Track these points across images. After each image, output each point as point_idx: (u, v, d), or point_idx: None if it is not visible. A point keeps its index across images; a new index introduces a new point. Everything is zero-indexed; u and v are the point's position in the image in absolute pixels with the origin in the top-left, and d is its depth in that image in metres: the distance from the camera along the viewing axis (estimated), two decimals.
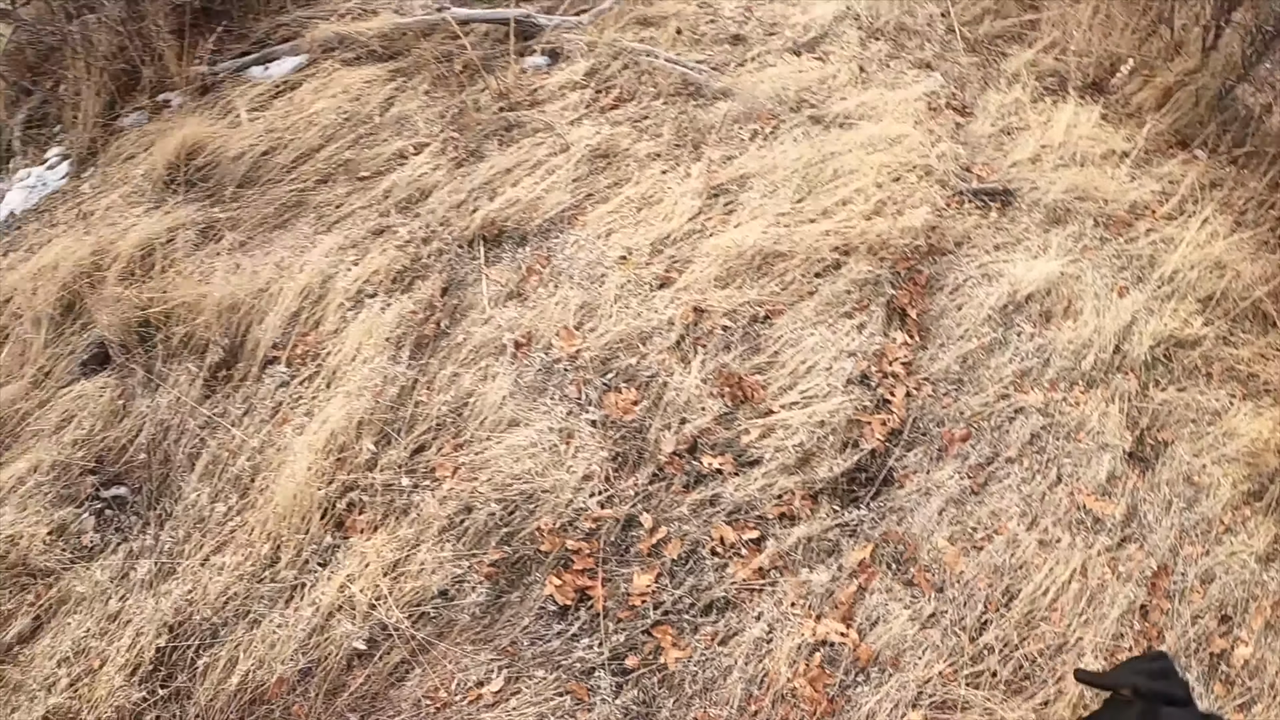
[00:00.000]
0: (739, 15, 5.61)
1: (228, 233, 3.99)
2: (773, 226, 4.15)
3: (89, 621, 3.08)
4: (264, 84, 4.72)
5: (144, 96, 4.89)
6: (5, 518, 3.33)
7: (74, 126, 4.80)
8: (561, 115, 4.65)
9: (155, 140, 4.48)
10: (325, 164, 4.31)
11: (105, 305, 3.73)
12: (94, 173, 4.51)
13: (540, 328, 3.74)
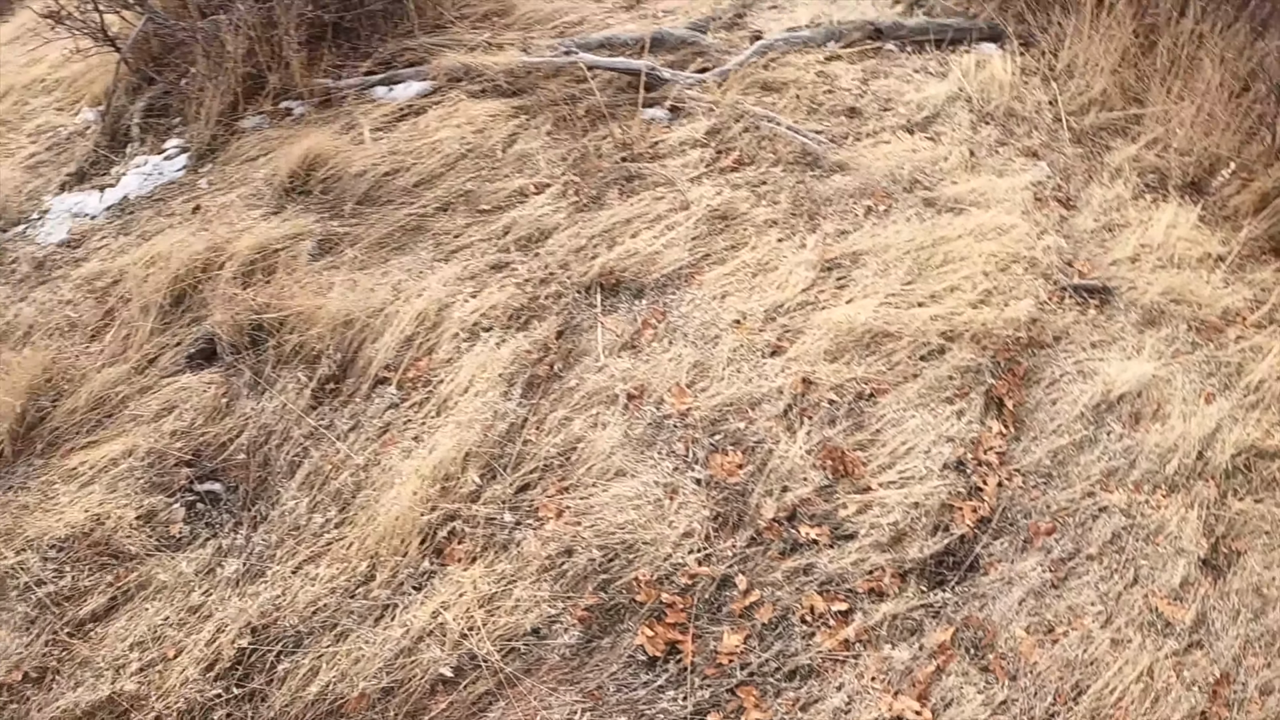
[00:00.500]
0: (855, 88, 5.62)
1: (348, 249, 3.96)
2: (883, 306, 4.13)
3: (168, 610, 3.10)
4: (388, 105, 4.75)
5: (267, 101, 4.94)
6: (93, 495, 3.38)
7: (195, 121, 4.85)
8: (682, 172, 4.64)
9: (277, 146, 4.50)
10: (446, 192, 4.31)
11: (220, 303, 3.71)
12: (212, 169, 4.54)
13: (653, 382, 3.71)
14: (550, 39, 5.54)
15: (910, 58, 5.97)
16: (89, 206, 4.73)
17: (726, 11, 6.18)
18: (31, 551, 3.40)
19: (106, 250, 4.41)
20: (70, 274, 4.44)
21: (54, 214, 4.87)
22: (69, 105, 6.12)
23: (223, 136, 4.73)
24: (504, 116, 4.77)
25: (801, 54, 5.76)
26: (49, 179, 5.31)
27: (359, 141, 4.47)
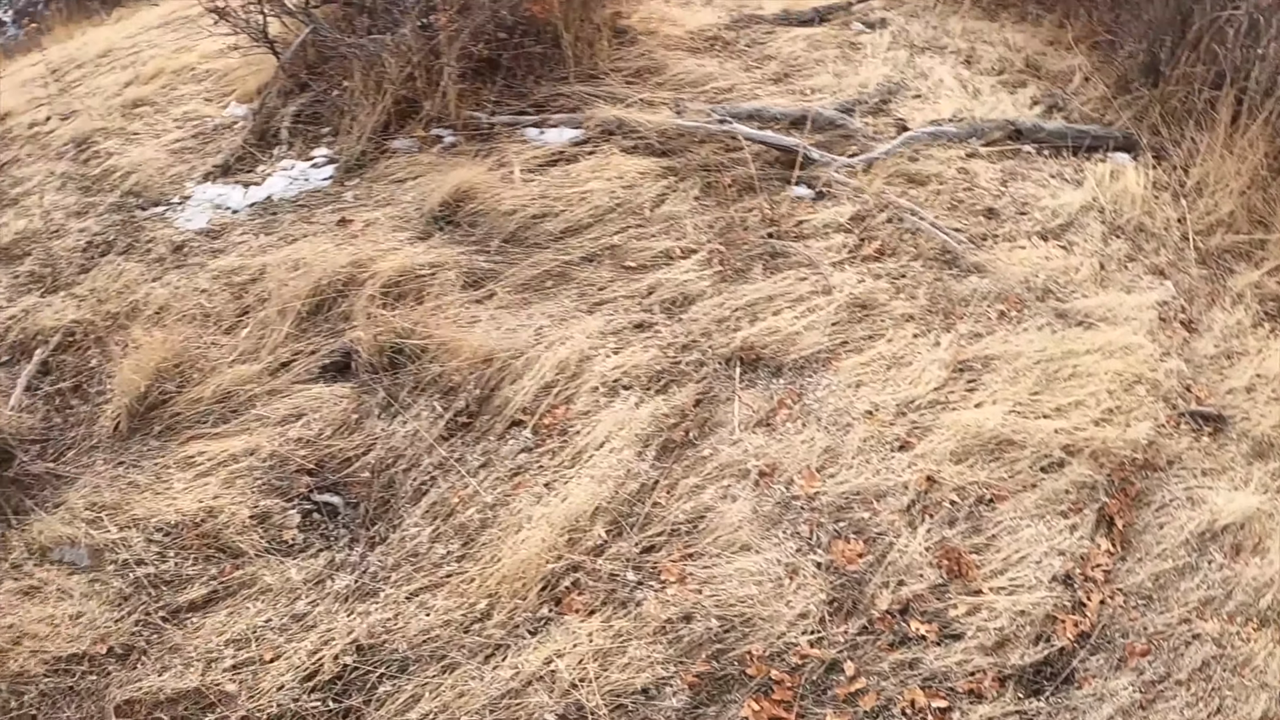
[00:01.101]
0: (994, 188, 5.63)
1: (493, 286, 3.97)
2: (1011, 414, 4.10)
3: (270, 613, 3.11)
4: (539, 148, 4.79)
5: (419, 126, 5.00)
6: (209, 487, 3.43)
7: (346, 135, 4.92)
8: (825, 255, 4.64)
9: (427, 172, 4.54)
10: (593, 244, 4.32)
11: (363, 319, 3.71)
12: (359, 184, 4.59)
13: (784, 462, 3.69)
14: (701, 103, 5.58)
15: (1047, 161, 5.97)
16: (232, 200, 4.80)
17: (872, 96, 6.21)
18: (136, 530, 3.44)
19: (246, 246, 4.45)
20: (208, 264, 4.49)
21: (196, 201, 4.94)
22: (218, 97, 6.25)
23: (372, 154, 4.79)
24: (653, 175, 4.79)
25: (944, 148, 5.77)
26: (193, 166, 5.40)
27: (509, 180, 4.50)
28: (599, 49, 5.66)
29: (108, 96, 7.18)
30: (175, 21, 9.42)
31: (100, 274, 4.76)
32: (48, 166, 6.33)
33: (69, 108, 7.31)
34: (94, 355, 4.35)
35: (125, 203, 5.31)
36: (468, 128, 4.96)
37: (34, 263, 5.22)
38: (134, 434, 3.87)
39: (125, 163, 5.74)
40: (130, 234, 5.00)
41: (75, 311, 4.60)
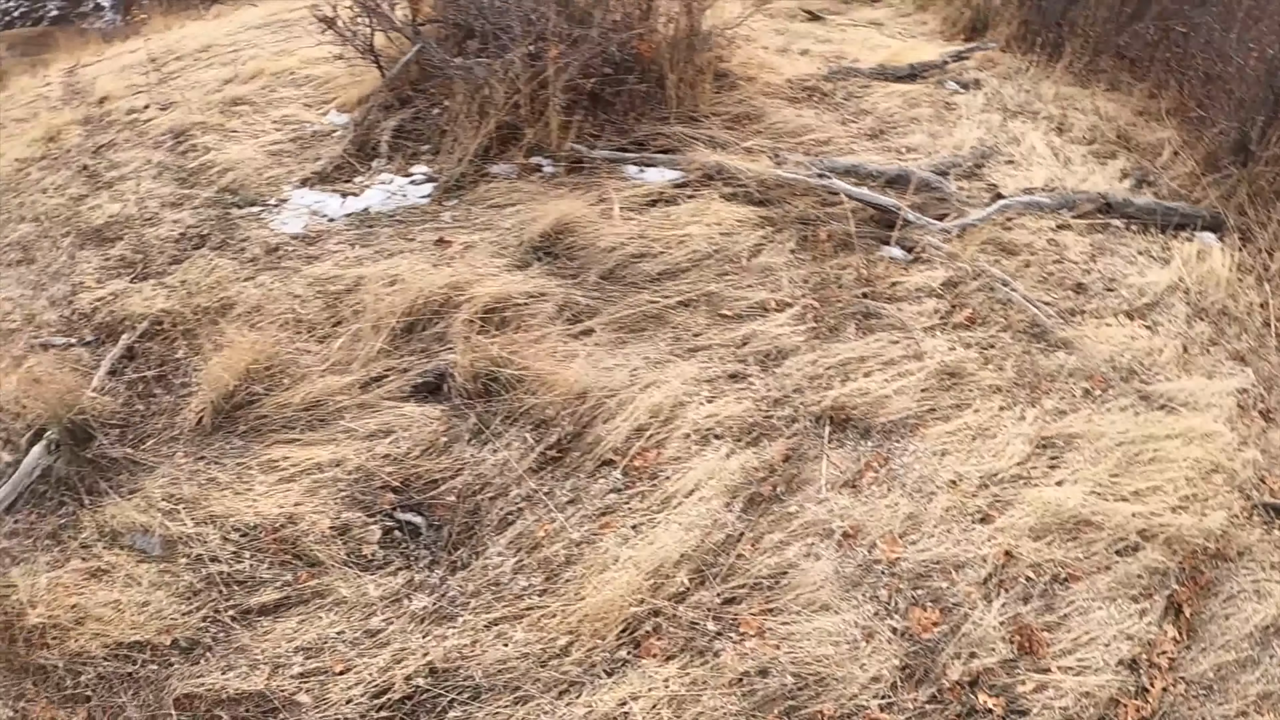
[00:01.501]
0: (1084, 261, 5.60)
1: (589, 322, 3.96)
2: (1091, 494, 4.07)
3: (344, 625, 3.12)
4: (639, 186, 4.80)
5: (519, 153, 5.03)
6: (290, 493, 3.46)
7: (447, 154, 4.94)
8: (917, 319, 4.62)
9: (526, 201, 4.57)
10: (690, 288, 4.32)
11: (459, 342, 3.72)
12: (457, 205, 4.61)
13: (868, 525, 3.67)
14: (799, 154, 5.58)
15: (1135, 237, 5.95)
16: (329, 208, 4.83)
17: (966, 159, 6.20)
18: (213, 527, 3.46)
19: (342, 256, 4.48)
20: (302, 269, 4.52)
21: (292, 205, 4.98)
22: (317, 104, 6.32)
23: (471, 176, 4.83)
24: (751, 224, 4.79)
25: (1036, 218, 5.75)
26: (290, 170, 5.45)
27: (609, 217, 4.51)
28: (700, 92, 5.68)
29: (207, 91, 7.29)
30: (275, 24, 9.58)
31: (192, 267, 4.81)
32: (145, 154, 6.42)
33: (168, 99, 7.43)
34: (181, 346, 4.38)
35: (221, 199, 5.37)
36: (568, 159, 4.98)
37: (126, 247, 5.28)
38: (217, 431, 3.89)
39: (223, 159, 5.81)
40: (225, 230, 5.05)
41: (164, 301, 4.64)
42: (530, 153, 5.02)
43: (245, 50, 8.62)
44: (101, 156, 6.71)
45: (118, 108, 7.81)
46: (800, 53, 7.88)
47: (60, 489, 3.87)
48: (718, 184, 5.00)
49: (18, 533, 3.73)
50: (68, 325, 4.89)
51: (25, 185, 6.85)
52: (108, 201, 5.90)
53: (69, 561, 3.52)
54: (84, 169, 6.60)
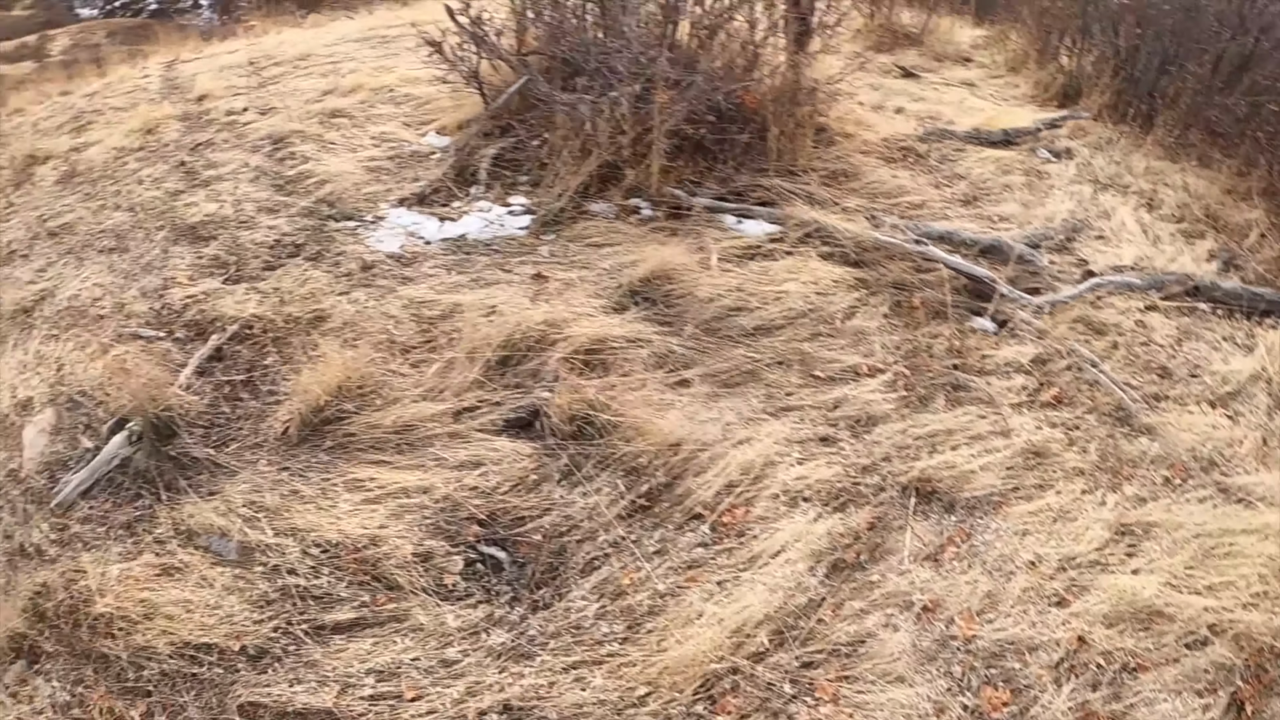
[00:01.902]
0: (1170, 345, 5.54)
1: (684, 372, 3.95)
2: (1165, 585, 4.00)
3: (419, 653, 3.11)
4: (737, 238, 4.80)
5: (618, 193, 5.04)
6: (375, 515, 3.46)
7: (547, 188, 4.96)
8: (1005, 394, 4.57)
9: (623, 242, 4.60)
10: (784, 346, 4.31)
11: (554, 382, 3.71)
12: (555, 240, 4.62)
13: (947, 600, 3.64)
14: (894, 217, 5.56)
15: (1221, 322, 5.86)
16: (426, 231, 4.87)
17: (1057, 231, 6.16)
18: (293, 540, 3.48)
19: (438, 281, 4.51)
20: (397, 289, 4.55)
21: (389, 224, 5.02)
22: (416, 124, 6.39)
23: (570, 212, 4.85)
24: (846, 285, 4.77)
25: (1125, 298, 5.69)
26: (388, 188, 5.50)
27: (707, 266, 4.51)
28: (800, 146, 5.68)
29: (306, 100, 7.39)
30: (373, 39, 9.72)
31: (286, 275, 4.86)
32: (243, 157, 6.52)
33: (267, 104, 7.55)
34: (270, 354, 4.42)
35: (317, 209, 5.43)
36: (667, 203, 4.99)
37: (220, 248, 5.35)
38: (304, 443, 3.91)
39: (321, 170, 5.88)
40: (320, 242, 5.10)
41: (256, 306, 4.69)
42: (629, 194, 5.03)
43: (344, 63, 8.75)
44: (199, 155, 6.81)
45: (216, 107, 7.94)
46: (895, 110, 7.88)
47: (138, 481, 3.91)
48: (815, 242, 4.99)
49: (91, 519, 3.77)
50: (157, 318, 4.95)
51: (122, 174, 6.97)
52: (204, 200, 5.98)
53: (141, 555, 3.55)
54: (181, 165, 6.71)
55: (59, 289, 5.57)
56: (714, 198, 5.14)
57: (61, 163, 7.98)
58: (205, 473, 3.87)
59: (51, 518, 3.88)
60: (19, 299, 5.55)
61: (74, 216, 6.54)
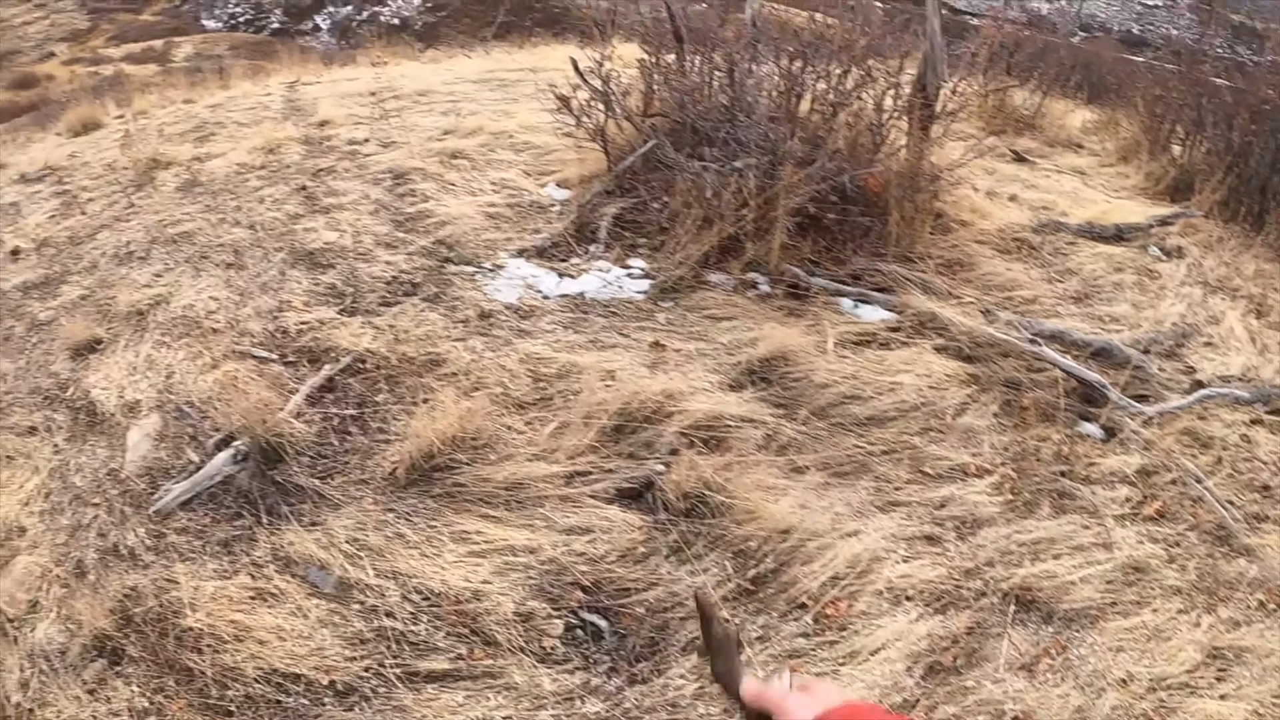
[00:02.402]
0: (1273, 461, 5.37)
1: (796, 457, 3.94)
2: (1252, 713, 3.88)
3: (510, 711, 3.08)
4: (853, 322, 4.76)
5: (736, 265, 5.03)
6: (480, 569, 3.47)
7: (668, 255, 4.98)
8: (1109, 505, 4.48)
9: (741, 317, 4.60)
10: (894, 439, 4.27)
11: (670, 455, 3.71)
12: (672, 308, 4.63)
13: (1038, 712, 3.53)
14: (1007, 311, 5.50)
15: None
16: (545, 285, 4.91)
17: (1167, 336, 6.05)
18: (394, 583, 3.49)
19: (555, 338, 4.55)
20: (514, 341, 4.59)
21: (508, 274, 5.07)
22: (536, 173, 6.47)
23: (688, 280, 4.84)
24: (959, 380, 4.72)
25: (1232, 410, 5.55)
26: (507, 236, 5.57)
27: (823, 351, 4.49)
28: (919, 232, 5.66)
29: (427, 138, 7.53)
30: (492, 81, 9.90)
31: (403, 314, 4.92)
32: (363, 188, 6.64)
33: (388, 136, 7.71)
34: (383, 391, 4.47)
35: (436, 250, 5.50)
36: (784, 279, 4.98)
37: (337, 277, 5.44)
38: (411, 486, 3.94)
39: (441, 211, 5.97)
40: (438, 284, 5.17)
41: (371, 340, 4.75)
42: (748, 267, 5.04)
43: (463, 103, 8.92)
44: (320, 181, 6.96)
45: (338, 135, 8.12)
46: (1009, 198, 7.82)
47: (240, 501, 3.98)
48: (929, 333, 4.95)
49: (189, 531, 3.84)
50: (270, 340, 5.04)
51: (243, 190, 7.14)
52: (323, 228, 6.10)
53: (237, 575, 3.60)
54: (302, 189, 6.86)
55: (174, 296, 5.71)
56: (831, 279, 5.13)
57: (183, 170, 8.22)
58: (309, 502, 3.92)
59: (148, 523, 3.96)
60: (134, 300, 5.69)
61: (193, 226, 6.71)
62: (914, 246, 5.61)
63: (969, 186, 7.30)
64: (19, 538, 4.06)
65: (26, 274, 6.78)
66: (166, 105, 12.90)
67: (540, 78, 9.69)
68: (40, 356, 5.55)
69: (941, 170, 5.99)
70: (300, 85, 11.78)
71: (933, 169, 5.96)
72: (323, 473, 4.08)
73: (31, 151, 11.70)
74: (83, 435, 4.63)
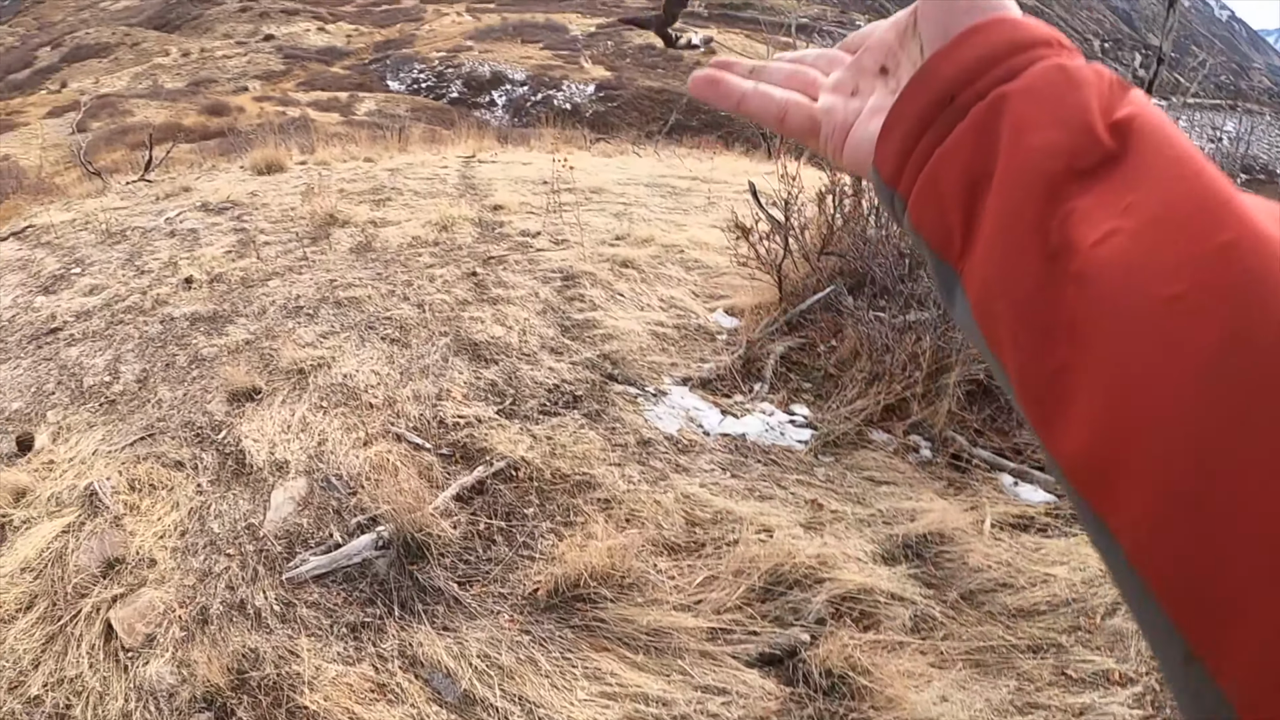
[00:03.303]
0: None
1: (941, 643, 3.78)
2: None
3: None
4: (1011, 501, 4.58)
5: (900, 425, 4.90)
6: (608, 714, 3.38)
7: (833, 410, 4.89)
8: None
9: (901, 484, 4.45)
10: (1042, 634, 4.07)
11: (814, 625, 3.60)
12: (832, 464, 4.54)
13: None
14: None
15: None
16: (706, 421, 4.86)
17: None
18: (519, 707, 3.43)
19: (714, 481, 4.48)
20: (670, 476, 4.53)
21: (671, 403, 5.04)
22: (705, 296, 6.48)
23: (851, 436, 4.72)
24: (1097, 582, 4.49)
25: None
26: (672, 361, 5.56)
27: (979, 530, 4.32)
28: None
29: (598, 240, 7.63)
30: (664, 188, 10.03)
31: (562, 427, 4.92)
32: (533, 285, 6.73)
33: (560, 232, 7.84)
34: (532, 504, 4.45)
35: (601, 364, 5.52)
36: (946, 447, 4.84)
37: (499, 374, 5.49)
38: (550, 611, 3.90)
39: (608, 323, 6.00)
40: (599, 400, 5.17)
41: (526, 449, 4.75)
42: (911, 429, 4.91)
43: (635, 207, 9.03)
44: (491, 269, 7.09)
45: (511, 223, 8.30)
46: None
47: (375, 588, 3.99)
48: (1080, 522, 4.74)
49: (320, 606, 3.87)
50: (426, 427, 5.09)
51: (415, 265, 7.32)
52: (490, 320, 6.19)
53: (360, 663, 3.61)
54: (473, 275, 6.99)
55: (336, 362, 5.84)
56: (995, 451, 4.97)
57: (359, 232, 8.49)
58: (444, 605, 3.92)
59: (280, 588, 4.01)
60: (297, 358, 5.84)
61: (363, 293, 6.89)
62: None
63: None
64: (148, 569, 4.16)
65: (197, 305, 7.05)
66: (347, 160, 13.43)
67: (712, 189, 9.81)
68: (198, 392, 5.73)
69: None
70: (476, 162, 12.12)
71: None
72: (463, 578, 4.08)
73: (216, 181, 12.28)
74: (227, 482, 4.73)
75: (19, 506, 4.75)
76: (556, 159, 10.22)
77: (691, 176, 10.91)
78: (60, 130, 37.12)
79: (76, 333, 6.99)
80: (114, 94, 44.12)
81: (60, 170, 24.90)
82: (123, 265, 8.60)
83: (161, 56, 63.22)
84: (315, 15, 72.79)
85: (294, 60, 50.48)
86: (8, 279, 8.99)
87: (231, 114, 32.34)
